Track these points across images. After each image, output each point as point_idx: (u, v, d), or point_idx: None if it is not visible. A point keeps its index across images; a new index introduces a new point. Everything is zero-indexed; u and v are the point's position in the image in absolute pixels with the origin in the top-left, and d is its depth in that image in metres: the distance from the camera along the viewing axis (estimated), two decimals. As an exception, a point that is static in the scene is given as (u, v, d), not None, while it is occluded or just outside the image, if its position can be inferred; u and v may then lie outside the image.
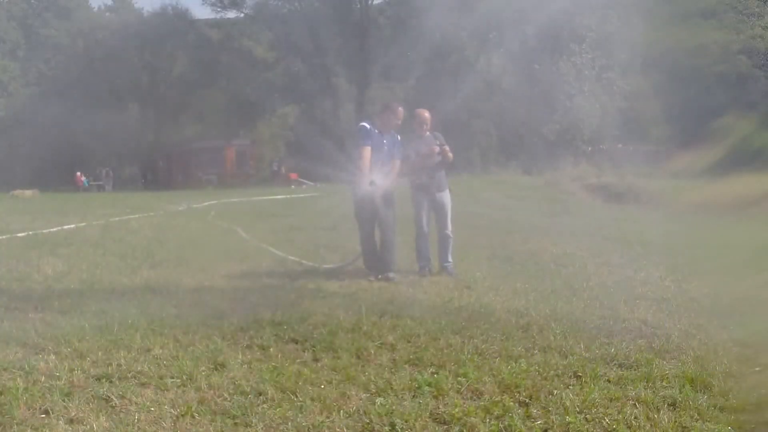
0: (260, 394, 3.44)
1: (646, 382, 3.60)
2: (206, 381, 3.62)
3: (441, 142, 7.11)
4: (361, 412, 3.23)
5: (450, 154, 7.05)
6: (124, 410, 3.24)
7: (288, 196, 21.47)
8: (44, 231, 10.74)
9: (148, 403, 3.30)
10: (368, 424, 3.11)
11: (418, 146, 7.11)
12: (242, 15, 41.60)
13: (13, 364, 3.86)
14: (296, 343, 4.37)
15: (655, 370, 3.77)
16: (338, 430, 3.06)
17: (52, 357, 4.00)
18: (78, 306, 5.40)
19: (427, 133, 7.18)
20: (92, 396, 3.40)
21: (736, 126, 39.16)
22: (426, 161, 7.07)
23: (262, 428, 3.08)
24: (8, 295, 5.89)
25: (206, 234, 11.14)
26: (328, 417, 3.17)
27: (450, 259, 7.14)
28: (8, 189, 27.31)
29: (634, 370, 3.82)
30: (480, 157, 30.80)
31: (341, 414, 3.20)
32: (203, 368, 3.82)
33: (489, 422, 3.11)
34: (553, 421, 3.11)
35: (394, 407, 3.25)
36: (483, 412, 3.21)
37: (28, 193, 26.35)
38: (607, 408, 3.25)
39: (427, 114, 7.22)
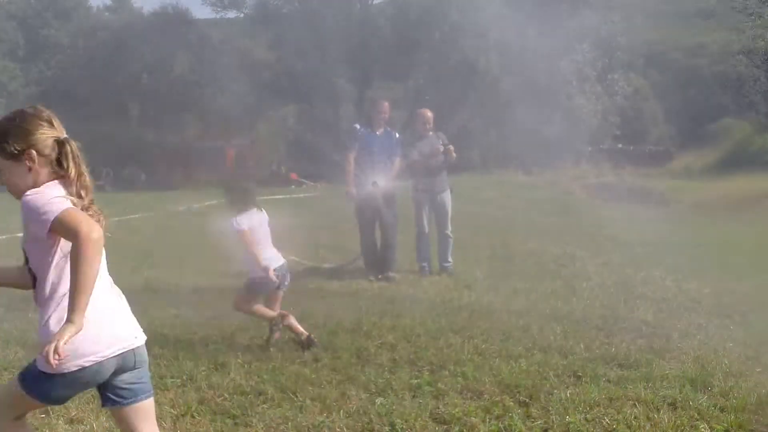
0: (260, 394, 3.44)
1: (646, 382, 3.60)
2: (206, 381, 3.62)
3: (444, 141, 7.10)
4: (361, 412, 3.22)
5: (454, 154, 7.05)
6: (124, 410, 3.23)
7: (288, 196, 21.46)
8: (44, 231, 10.72)
9: (148, 403, 3.30)
10: (368, 424, 3.10)
11: (421, 146, 7.11)
12: (242, 15, 41.59)
13: (13, 364, 3.86)
14: (296, 343, 4.37)
15: (655, 370, 3.77)
16: (338, 430, 3.06)
17: (52, 357, 3.99)
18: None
19: (430, 132, 7.17)
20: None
21: (735, 127, 39.21)
22: (429, 161, 7.07)
23: (262, 428, 3.07)
24: (8, 295, 5.88)
25: (206, 234, 11.12)
26: (328, 417, 3.17)
27: (450, 259, 7.14)
28: (8, 189, 27.28)
29: (634, 370, 3.82)
30: (480, 157, 30.76)
31: (341, 414, 3.20)
32: (203, 368, 3.82)
33: (489, 422, 3.11)
34: (553, 421, 3.11)
35: (394, 407, 3.25)
36: (483, 412, 3.21)
37: (28, 193, 26.32)
38: (607, 408, 3.25)
39: (429, 113, 7.21)
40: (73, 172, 2.00)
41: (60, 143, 2.00)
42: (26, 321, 4.95)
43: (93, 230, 1.86)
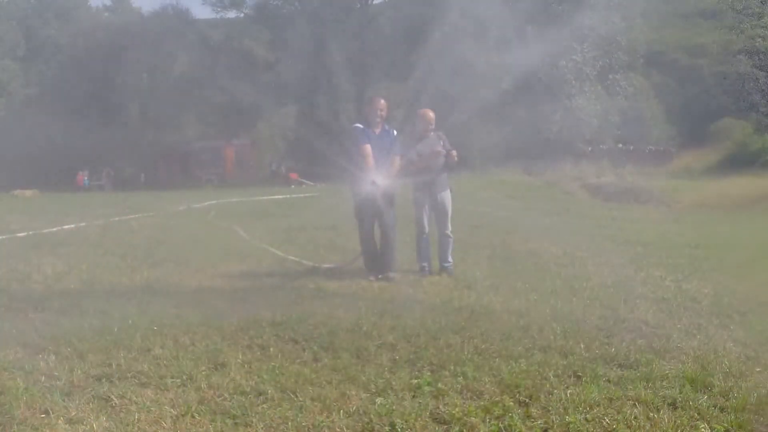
0: (260, 394, 3.44)
1: (646, 382, 3.60)
2: (206, 381, 3.62)
3: (445, 142, 7.08)
4: (361, 412, 3.22)
5: (456, 159, 7.03)
6: (124, 410, 3.24)
7: (288, 196, 21.45)
8: (44, 231, 10.73)
9: (148, 403, 3.30)
10: (368, 424, 3.10)
11: (422, 147, 7.09)
12: (242, 15, 41.61)
13: (13, 364, 3.86)
14: (296, 343, 4.37)
15: (655, 370, 3.77)
16: (338, 430, 3.06)
17: (52, 357, 4.00)
18: (78, 306, 5.40)
19: (431, 133, 7.15)
20: (92, 396, 3.40)
21: (735, 127, 39.21)
22: (430, 162, 7.05)
23: (262, 428, 3.07)
24: (8, 295, 5.89)
25: (206, 234, 11.14)
26: (328, 417, 3.17)
27: (450, 260, 7.13)
28: (8, 189, 27.29)
29: (634, 370, 3.82)
30: (480, 157, 30.76)
31: (341, 414, 3.20)
32: (203, 368, 3.82)
33: (489, 422, 3.11)
34: (553, 421, 3.11)
35: (394, 407, 3.25)
36: (483, 412, 3.21)
37: (28, 193, 26.33)
38: (607, 408, 3.25)
39: (431, 114, 7.17)
40: None
41: None
42: (26, 321, 4.96)
43: None
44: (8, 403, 3.25)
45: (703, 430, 3.05)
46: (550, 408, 3.24)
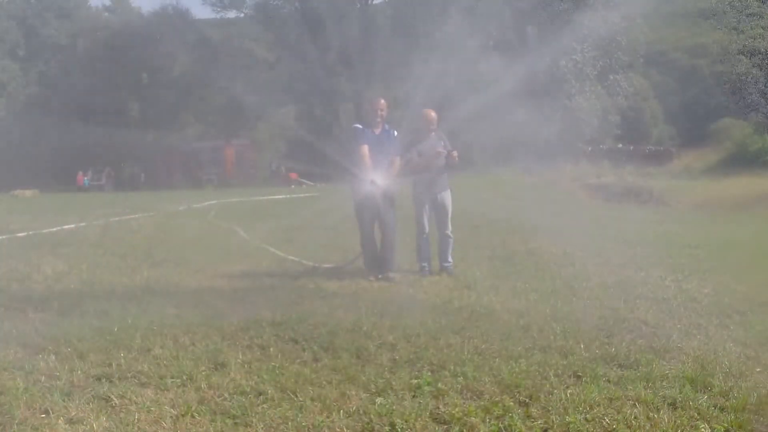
0: (260, 394, 3.44)
1: (646, 382, 3.60)
2: (206, 381, 3.62)
3: (445, 142, 7.09)
4: (361, 412, 3.22)
5: (456, 159, 7.03)
6: (124, 410, 3.24)
7: (288, 196, 21.46)
8: (44, 231, 10.74)
9: (148, 403, 3.30)
10: (368, 424, 3.10)
11: (423, 147, 7.09)
12: (242, 15, 41.63)
13: (13, 364, 3.86)
14: (296, 343, 4.37)
15: (655, 370, 3.77)
16: (338, 430, 3.06)
17: (52, 357, 3.99)
18: (78, 306, 5.40)
19: (432, 133, 7.15)
20: (92, 396, 3.40)
21: (735, 127, 39.24)
22: (431, 162, 7.05)
23: (262, 428, 3.07)
24: (8, 295, 5.89)
25: (206, 234, 11.14)
26: (328, 417, 3.17)
27: (450, 260, 7.13)
28: (8, 189, 27.29)
29: (634, 370, 3.82)
30: (480, 156, 30.77)
31: (341, 414, 3.20)
32: (203, 368, 3.82)
33: (489, 422, 3.11)
34: (553, 421, 3.11)
35: (394, 407, 3.25)
36: (483, 412, 3.21)
37: (28, 193, 26.37)
38: (607, 408, 3.25)
39: (433, 114, 7.17)
40: None
41: None
42: (26, 321, 4.96)
43: None
44: (8, 403, 3.25)
45: (703, 430, 3.05)
46: (550, 408, 3.24)
